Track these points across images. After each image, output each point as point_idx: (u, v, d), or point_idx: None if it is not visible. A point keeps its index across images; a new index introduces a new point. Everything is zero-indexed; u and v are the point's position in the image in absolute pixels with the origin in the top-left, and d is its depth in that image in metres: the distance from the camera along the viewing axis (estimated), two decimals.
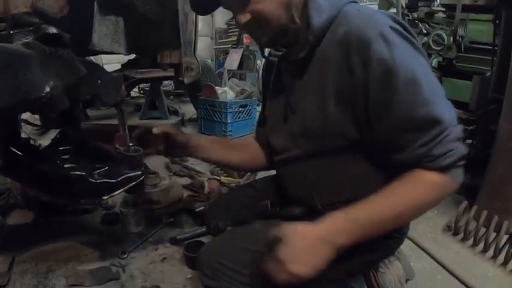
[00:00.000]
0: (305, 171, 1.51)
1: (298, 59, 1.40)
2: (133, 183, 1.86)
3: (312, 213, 1.55)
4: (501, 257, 1.93)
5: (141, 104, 4.75)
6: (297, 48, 1.41)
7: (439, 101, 1.19)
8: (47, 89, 1.37)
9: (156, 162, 3.08)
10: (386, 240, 1.45)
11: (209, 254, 1.65)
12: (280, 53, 1.53)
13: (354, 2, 1.35)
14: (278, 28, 1.37)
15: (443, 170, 1.20)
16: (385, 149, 1.28)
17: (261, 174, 2.82)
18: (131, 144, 1.88)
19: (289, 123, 1.50)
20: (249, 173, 3.05)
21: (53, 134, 2.05)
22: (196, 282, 1.90)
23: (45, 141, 3.44)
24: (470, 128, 3.11)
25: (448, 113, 1.19)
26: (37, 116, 4.06)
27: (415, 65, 1.20)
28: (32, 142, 2.21)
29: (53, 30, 1.51)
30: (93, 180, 1.81)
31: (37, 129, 4.20)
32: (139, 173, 1.89)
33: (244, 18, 1.33)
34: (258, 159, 1.80)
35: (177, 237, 2.08)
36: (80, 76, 1.60)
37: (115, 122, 3.98)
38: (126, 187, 1.85)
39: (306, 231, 1.19)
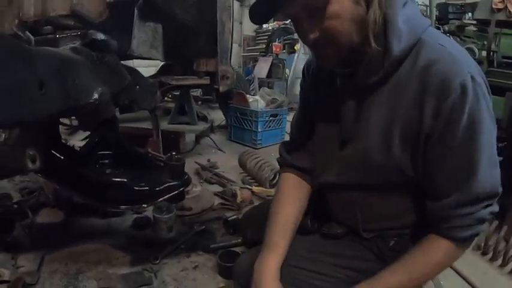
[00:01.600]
0: (353, 199, 1.50)
1: (369, 84, 1.34)
2: (175, 191, 1.86)
3: (352, 234, 1.59)
4: None
5: (170, 108, 4.76)
6: (368, 71, 1.33)
7: (486, 170, 1.19)
8: (96, 96, 1.39)
9: (186, 167, 3.07)
10: None
11: (246, 265, 1.64)
12: (328, 68, 1.46)
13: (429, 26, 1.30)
14: (349, 48, 1.29)
15: (457, 240, 1.24)
16: (423, 193, 1.30)
17: None
18: (174, 153, 1.88)
19: (346, 151, 1.44)
20: None
21: (82, 133, 2.05)
22: None
23: (75, 141, 3.51)
24: (501, 145, 3.04)
25: (486, 186, 1.20)
26: None
27: (482, 129, 1.18)
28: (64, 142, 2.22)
29: (101, 36, 1.52)
30: (135, 188, 1.81)
31: (66, 129, 4.25)
32: (180, 182, 1.89)
33: (313, 34, 1.25)
34: (307, 193, 1.67)
35: (211, 246, 2.08)
36: (125, 83, 1.60)
37: (144, 125, 4.02)
38: (167, 196, 1.85)
39: None
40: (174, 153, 1.89)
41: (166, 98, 5.88)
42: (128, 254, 2.20)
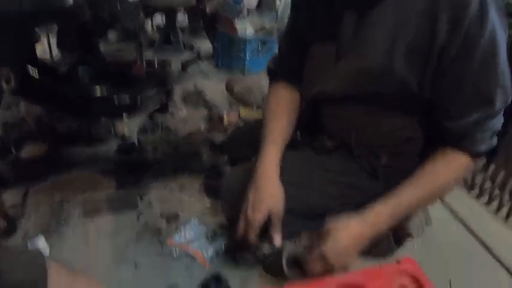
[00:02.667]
0: (349, 112, 1.47)
1: None
2: (158, 103, 1.77)
3: (343, 148, 1.57)
4: None
5: (155, 39, 4.60)
6: None
7: (505, 84, 1.16)
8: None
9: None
10: None
11: (232, 182, 1.60)
12: None
13: None
14: None
15: (475, 155, 1.26)
16: (438, 113, 1.29)
17: None
18: (155, 62, 1.80)
19: (344, 61, 1.37)
20: None
21: None
22: (216, 210, 1.87)
23: None
24: None
25: (504, 98, 1.18)
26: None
27: (500, 41, 1.13)
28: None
29: None
30: (116, 99, 1.73)
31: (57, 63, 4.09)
32: (163, 93, 1.79)
33: None
34: (298, 105, 1.64)
35: (196, 167, 2.01)
36: None
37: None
38: (150, 107, 1.77)
39: (351, 228, 1.27)
40: (156, 63, 1.79)
41: (152, 30, 5.72)
42: (113, 178, 2.13)
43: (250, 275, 1.56)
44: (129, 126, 2.49)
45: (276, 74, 1.64)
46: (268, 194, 1.38)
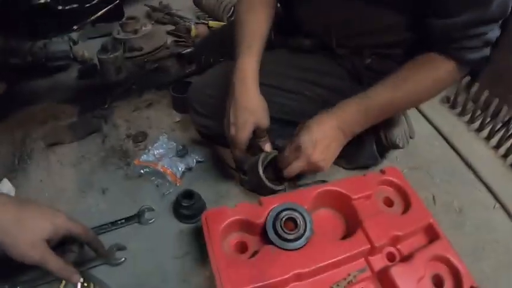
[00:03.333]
0: (330, 7, 1.34)
1: None
2: (110, 6, 1.60)
3: (322, 47, 1.47)
4: (494, 140, 1.87)
5: None
6: None
7: None
8: None
9: (135, 11, 2.77)
10: None
11: (200, 88, 1.50)
12: None
13: None
14: None
15: (463, 63, 1.19)
16: (427, 9, 1.18)
17: None
18: None
19: None
20: None
21: None
22: (186, 125, 1.77)
23: None
24: None
25: (503, 7, 1.08)
26: None
27: None
28: None
29: None
30: (61, 7, 1.54)
31: None
32: None
33: None
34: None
35: (163, 81, 1.87)
36: None
37: None
38: (101, 11, 1.60)
39: (323, 122, 1.22)
40: None
41: None
42: (75, 105, 1.98)
43: (224, 190, 1.49)
44: (90, 49, 2.32)
45: None
46: (251, 108, 1.24)
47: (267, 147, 1.31)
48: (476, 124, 1.97)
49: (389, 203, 1.22)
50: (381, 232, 1.08)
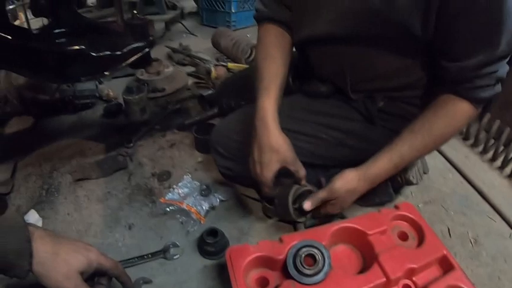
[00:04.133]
0: (343, 54, 1.40)
1: None
2: (139, 54, 1.69)
3: (337, 93, 1.53)
4: (508, 169, 1.90)
5: (136, 2, 4.48)
6: None
7: (509, 26, 1.08)
8: None
9: (157, 52, 2.89)
10: None
11: (222, 131, 1.56)
12: None
13: None
14: None
15: (476, 101, 1.20)
16: (438, 54, 1.22)
17: None
18: (135, 11, 1.70)
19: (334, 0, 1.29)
20: None
21: None
22: (208, 165, 1.83)
23: None
24: None
25: (509, 43, 1.10)
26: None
27: None
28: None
29: None
30: (94, 54, 1.62)
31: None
32: (144, 43, 1.70)
33: None
34: (290, 46, 1.55)
35: (185, 122, 1.95)
36: None
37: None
38: (131, 59, 1.68)
39: (358, 175, 1.28)
40: (135, 12, 1.70)
41: None
42: (101, 143, 2.07)
43: (246, 227, 1.54)
44: (114, 88, 2.42)
45: (264, 14, 1.54)
46: (274, 147, 1.29)
47: (306, 205, 1.33)
48: (490, 154, 1.99)
49: (404, 237, 1.25)
50: (396, 265, 1.11)
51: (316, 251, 1.09)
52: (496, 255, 1.45)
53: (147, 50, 1.70)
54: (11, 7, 3.84)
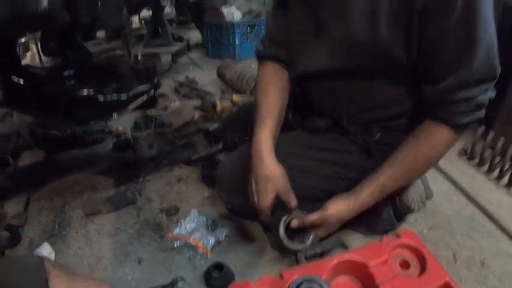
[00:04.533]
0: (337, 88, 1.47)
1: None
2: (145, 97, 1.76)
3: (336, 127, 1.59)
4: None
5: (143, 34, 4.60)
6: None
7: (484, 47, 1.13)
8: (45, 3, 1.26)
9: (164, 86, 2.96)
10: None
11: (227, 168, 1.62)
12: None
13: None
14: None
15: (457, 127, 1.24)
16: (421, 78, 1.28)
17: None
18: (140, 57, 1.78)
19: (324, 36, 1.38)
20: None
21: None
22: (214, 200, 1.87)
23: None
24: None
25: (488, 68, 1.15)
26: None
27: (481, 3, 1.08)
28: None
29: None
30: (102, 98, 1.69)
31: (42, 71, 4.07)
32: (150, 86, 1.78)
33: None
34: (288, 82, 1.64)
35: (192, 158, 2.01)
36: None
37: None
38: (138, 102, 1.75)
39: (345, 203, 1.39)
40: (141, 57, 1.78)
41: (139, 25, 5.71)
42: (111, 177, 2.14)
43: (252, 261, 1.57)
44: (123, 123, 2.50)
45: (262, 53, 1.64)
46: (269, 176, 1.37)
47: (293, 223, 1.40)
48: (496, 172, 1.99)
49: (406, 265, 1.23)
50: None
51: (316, 286, 1.10)
52: (504, 277, 1.45)
53: (152, 92, 1.78)
54: (22, 40, 3.97)
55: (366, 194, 1.37)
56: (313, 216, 1.38)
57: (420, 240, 1.25)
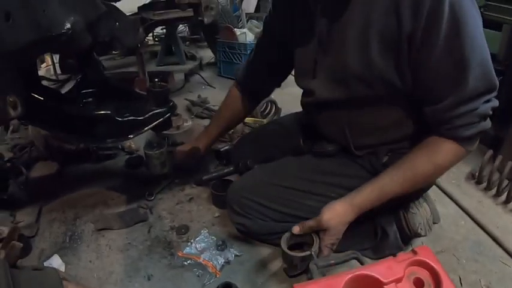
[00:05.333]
0: (339, 116, 1.53)
1: None
2: (161, 119, 1.82)
3: (344, 151, 1.63)
4: None
5: (158, 51, 4.65)
6: None
7: (476, 62, 1.15)
8: (68, 25, 1.31)
9: (176, 104, 3.01)
10: None
11: (238, 190, 1.67)
12: None
13: None
14: None
15: (462, 140, 1.25)
16: (419, 101, 1.31)
17: (284, 113, 2.78)
18: (156, 79, 1.84)
19: (324, 66, 1.46)
20: (272, 112, 2.99)
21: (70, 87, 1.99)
22: (224, 220, 1.90)
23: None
24: (498, 78, 2.88)
25: (483, 81, 1.18)
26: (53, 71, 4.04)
27: (467, 21, 1.13)
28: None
29: None
30: (119, 119, 1.76)
31: (54, 84, 4.14)
32: (165, 109, 1.84)
33: None
34: (244, 108, 2.05)
35: (203, 178, 2.05)
36: (100, 12, 1.53)
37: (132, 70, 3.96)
38: (153, 124, 1.82)
39: (337, 215, 1.42)
40: (157, 80, 1.83)
41: (153, 42, 5.78)
42: (123, 193, 2.18)
43: (260, 282, 1.59)
44: (136, 140, 2.54)
45: (236, 79, 1.99)
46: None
47: (295, 229, 1.47)
48: (503, 196, 2.00)
49: (419, 284, 1.19)
50: None
51: None
52: None
53: (168, 115, 1.83)
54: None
55: (364, 194, 1.40)
56: (310, 222, 1.43)
57: (436, 258, 1.21)
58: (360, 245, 1.61)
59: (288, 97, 3.01)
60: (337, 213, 1.41)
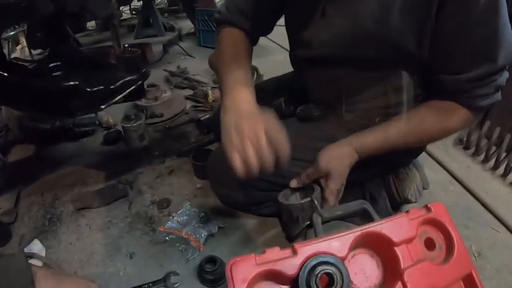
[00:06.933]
0: (338, 76, 1.41)
1: None
2: (133, 87, 1.72)
3: (331, 115, 1.53)
4: (511, 176, 1.91)
5: (135, 24, 4.54)
6: None
7: (506, 39, 1.10)
8: None
9: (155, 76, 2.93)
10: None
11: (218, 158, 1.56)
12: None
13: None
14: None
15: (476, 109, 1.22)
16: (436, 68, 1.24)
17: (266, 77, 2.69)
18: (127, 45, 1.74)
19: (331, 19, 1.30)
20: (254, 79, 2.89)
21: None
22: (207, 191, 1.84)
23: None
24: None
25: (507, 55, 1.13)
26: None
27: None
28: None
29: None
30: (89, 89, 1.66)
31: (30, 64, 4.02)
32: (137, 76, 1.74)
33: None
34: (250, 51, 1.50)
35: (183, 149, 1.97)
36: None
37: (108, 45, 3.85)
38: (126, 92, 1.72)
39: (337, 156, 1.31)
40: (127, 45, 1.73)
41: (130, 15, 5.65)
42: (102, 170, 2.11)
43: (246, 254, 1.52)
44: (114, 114, 2.46)
45: (225, 17, 1.50)
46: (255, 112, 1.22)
47: (292, 182, 1.38)
48: (492, 162, 1.99)
49: (431, 245, 1.08)
50: (421, 286, 0.99)
51: (334, 269, 0.92)
52: (501, 268, 1.45)
53: (140, 82, 1.74)
54: (12, 33, 3.92)
55: (368, 139, 1.31)
56: (308, 170, 1.34)
57: (450, 216, 1.11)
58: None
59: (271, 64, 2.92)
60: (336, 155, 1.31)
